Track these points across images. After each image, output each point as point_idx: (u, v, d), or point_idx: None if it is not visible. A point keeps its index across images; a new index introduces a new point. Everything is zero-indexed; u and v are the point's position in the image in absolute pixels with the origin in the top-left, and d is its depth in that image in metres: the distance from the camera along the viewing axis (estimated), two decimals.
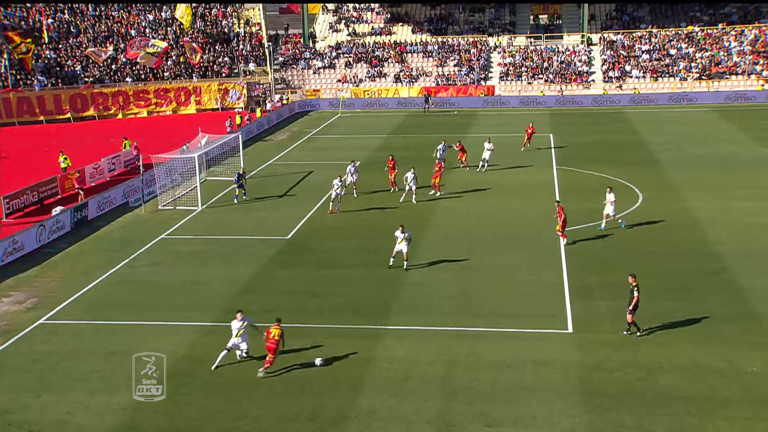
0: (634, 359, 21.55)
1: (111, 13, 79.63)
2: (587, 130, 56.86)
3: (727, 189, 38.91)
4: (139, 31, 77.25)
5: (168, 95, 70.23)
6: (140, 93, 69.74)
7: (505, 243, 31.98)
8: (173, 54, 74.45)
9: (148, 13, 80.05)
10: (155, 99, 69.96)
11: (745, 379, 20.35)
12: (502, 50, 77.43)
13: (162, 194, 39.88)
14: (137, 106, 69.51)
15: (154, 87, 70.23)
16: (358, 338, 23.50)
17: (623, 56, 74.47)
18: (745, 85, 69.68)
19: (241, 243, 33.40)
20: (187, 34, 76.13)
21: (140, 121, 67.48)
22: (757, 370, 20.74)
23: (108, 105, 68.57)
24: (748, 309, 24.57)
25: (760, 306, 24.70)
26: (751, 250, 29.95)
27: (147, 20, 79.06)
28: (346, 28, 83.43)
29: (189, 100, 70.51)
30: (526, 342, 22.94)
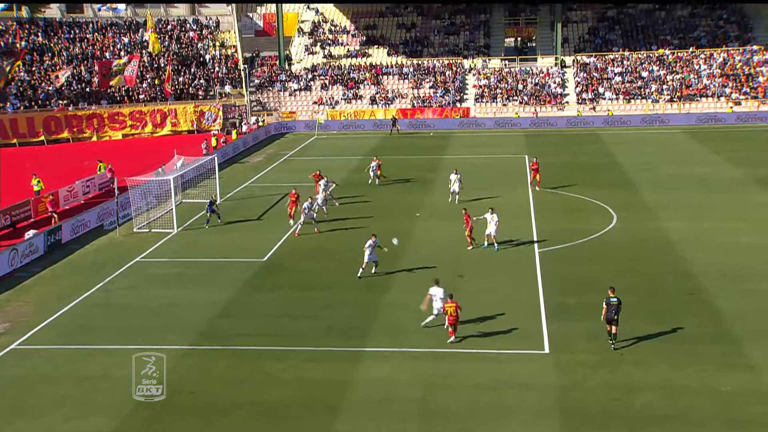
0: (611, 379, 21.62)
1: (86, 35, 79.34)
2: (562, 151, 57.32)
3: (701, 209, 39.29)
4: (114, 53, 77.01)
5: (143, 117, 70.00)
6: (115, 115, 69.44)
7: (482, 264, 32.03)
8: (148, 77, 74.27)
9: (123, 36, 79.86)
10: (130, 121, 69.71)
11: (720, 398, 20.46)
12: (477, 72, 78.02)
13: (137, 217, 39.60)
14: (112, 129, 69.18)
15: (129, 109, 69.96)
16: (336, 361, 23.38)
17: (596, 78, 75.32)
18: (715, 108, 70.68)
19: (217, 265, 33.19)
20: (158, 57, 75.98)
21: (115, 143, 67.15)
22: (731, 389, 20.87)
23: (82, 128, 68.17)
24: (724, 329, 24.75)
25: (734, 326, 24.89)
26: (726, 270, 30.22)
27: (122, 42, 78.86)
28: (322, 50, 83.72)
29: (164, 122, 70.30)
30: (504, 363, 22.94)
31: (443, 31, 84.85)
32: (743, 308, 26.35)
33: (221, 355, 24.05)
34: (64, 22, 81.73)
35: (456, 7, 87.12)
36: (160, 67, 75.78)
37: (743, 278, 29.22)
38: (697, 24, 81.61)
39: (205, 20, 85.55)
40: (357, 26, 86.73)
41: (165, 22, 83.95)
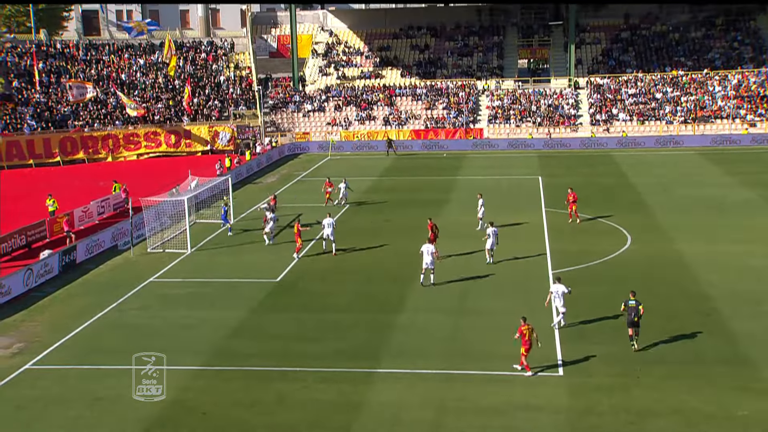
0: (625, 403, 21.44)
1: (102, 57, 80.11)
2: (575, 172, 57.22)
3: (715, 231, 39.08)
4: (130, 74, 77.68)
5: (158, 138, 70.44)
6: (130, 136, 69.91)
7: (495, 286, 31.93)
8: (163, 98, 74.83)
9: (138, 57, 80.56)
10: (145, 142, 70.15)
11: (736, 423, 20.26)
12: (490, 93, 78.17)
13: (151, 237, 39.75)
14: (127, 150, 69.64)
15: (144, 130, 70.43)
16: (347, 382, 23.32)
17: (610, 100, 75.29)
18: (730, 129, 70.45)
19: (230, 286, 33.25)
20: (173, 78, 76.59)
21: (130, 164, 67.59)
22: (747, 414, 20.65)
23: (98, 148, 68.65)
24: (739, 352, 24.54)
25: (749, 349, 24.68)
26: (740, 292, 30.00)
27: (138, 64, 79.55)
28: (336, 71, 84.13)
29: (179, 142, 70.71)
30: (516, 386, 22.81)
31: (456, 53, 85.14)
32: (759, 331, 26.12)
33: (234, 375, 24.03)
34: (81, 45, 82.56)
35: (469, 29, 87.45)
36: (175, 87, 76.31)
37: (759, 301, 29.00)
38: (711, 46, 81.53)
39: (220, 42, 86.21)
40: (371, 48, 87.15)
41: (180, 44, 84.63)
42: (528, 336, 23.17)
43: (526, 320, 23.57)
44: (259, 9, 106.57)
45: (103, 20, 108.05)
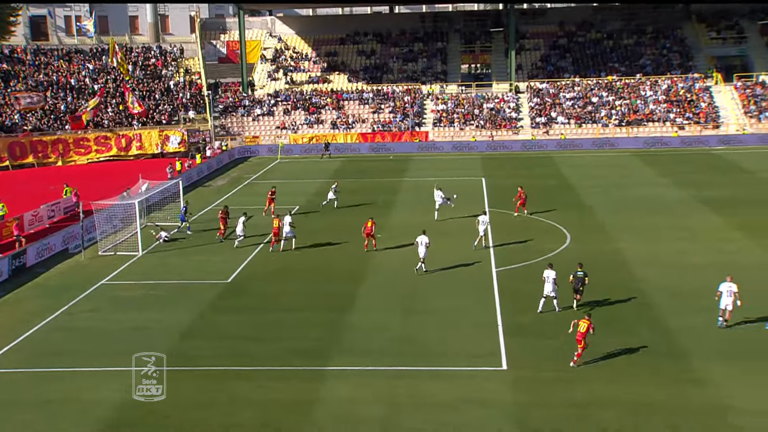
0: (568, 396, 21.61)
1: (51, 62, 78.29)
2: (517, 173, 57.65)
3: (651, 230, 39.68)
4: (79, 80, 76.03)
5: (108, 142, 69.03)
6: (80, 140, 68.34)
7: (442, 285, 31.95)
8: (112, 102, 73.40)
9: (87, 62, 78.93)
10: (95, 146, 68.66)
11: (672, 413, 20.55)
12: (434, 98, 78.43)
13: (102, 240, 38.91)
14: (77, 154, 68.07)
15: (94, 135, 68.93)
16: (301, 380, 23.09)
17: (549, 104, 76.15)
18: (661, 132, 71.80)
19: (182, 287, 32.69)
20: (129, 83, 75.20)
21: (80, 168, 66.08)
22: (684, 404, 20.98)
23: (47, 153, 66.96)
24: (676, 346, 24.93)
25: (687, 342, 25.09)
26: (678, 288, 30.50)
27: (87, 69, 77.94)
28: (284, 76, 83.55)
29: (130, 146, 69.40)
30: (463, 381, 22.83)
31: (402, 58, 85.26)
32: (693, 324, 26.58)
33: (187, 376, 23.58)
34: (28, 50, 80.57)
35: (414, 35, 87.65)
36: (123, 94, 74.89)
37: (694, 295, 29.50)
38: (642, 52, 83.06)
39: (170, 47, 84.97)
40: (318, 53, 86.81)
41: (129, 49, 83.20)
42: (584, 329, 23.05)
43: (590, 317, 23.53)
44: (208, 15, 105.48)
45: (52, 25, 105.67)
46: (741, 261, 33.15)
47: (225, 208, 41.08)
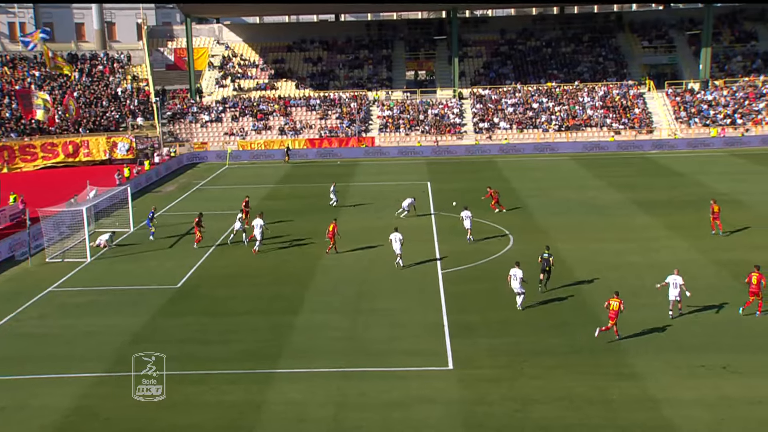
0: (512, 392, 21.94)
1: None
2: (461, 177, 58.22)
3: (589, 231, 40.42)
4: (24, 86, 74.40)
5: (55, 149, 67.66)
6: (26, 147, 66.87)
7: (389, 287, 32.12)
8: (59, 109, 71.98)
9: (33, 69, 77.25)
10: (42, 153, 67.23)
11: (609, 407, 21.03)
12: (380, 104, 78.72)
13: (50, 247, 38.17)
14: (23, 161, 66.56)
15: (40, 141, 67.52)
16: (251, 383, 23.01)
17: (492, 109, 77.04)
18: (598, 136, 73.21)
19: (131, 293, 32.27)
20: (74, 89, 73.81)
21: (27, 175, 64.60)
22: (619, 398, 21.49)
23: None
24: (614, 342, 25.44)
25: (623, 339, 25.63)
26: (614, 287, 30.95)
27: (33, 76, 76.28)
28: (232, 83, 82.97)
29: (77, 153, 68.11)
30: (410, 380, 23.01)
31: (348, 65, 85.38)
32: (629, 321, 27.13)
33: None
34: None
35: (360, 43, 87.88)
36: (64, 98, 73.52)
37: (628, 293, 30.07)
38: (579, 60, 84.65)
39: (117, 54, 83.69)
40: (265, 60, 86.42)
41: (75, 56, 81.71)
42: (617, 309, 25.05)
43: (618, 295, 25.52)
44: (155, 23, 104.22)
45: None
46: (672, 258, 33.94)
47: (200, 214, 40.17)
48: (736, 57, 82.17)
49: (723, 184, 51.74)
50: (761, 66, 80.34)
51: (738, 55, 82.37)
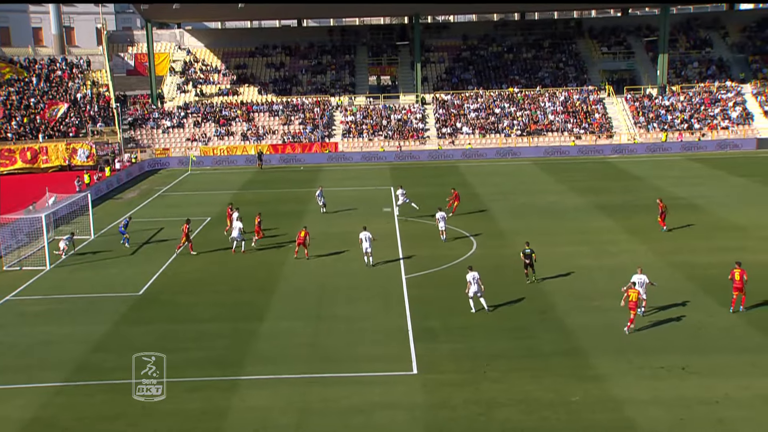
0: (474, 396, 22.04)
1: None
2: (425, 182, 58.41)
3: (550, 235, 40.79)
4: None
5: (13, 155, 66.51)
6: None
7: (353, 293, 32.08)
8: (17, 115, 70.81)
9: None
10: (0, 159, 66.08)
11: (571, 408, 21.23)
12: (343, 109, 78.73)
13: (7, 255, 37.49)
14: None
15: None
16: (213, 390, 22.81)
17: (454, 114, 77.47)
18: (560, 141, 74.03)
19: (91, 301, 31.83)
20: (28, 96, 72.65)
21: None
22: (578, 399, 21.71)
23: None
24: (573, 344, 25.72)
25: (582, 341, 25.92)
26: (574, 289, 31.50)
27: None
28: (194, 89, 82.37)
29: (36, 159, 67.03)
30: (374, 385, 23.00)
31: (311, 71, 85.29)
32: (590, 324, 27.49)
33: (96, 389, 23.00)
34: None
35: (322, 48, 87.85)
36: (30, 105, 72.47)
37: (589, 297, 30.53)
38: (540, 66, 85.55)
39: (76, 59, 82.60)
40: (227, 66, 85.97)
41: (33, 61, 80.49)
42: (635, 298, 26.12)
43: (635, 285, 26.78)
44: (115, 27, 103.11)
45: None
46: (630, 261, 34.37)
47: (188, 221, 39.58)
48: (692, 63, 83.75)
49: (680, 188, 52.64)
50: (716, 72, 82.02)
51: (694, 61, 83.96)
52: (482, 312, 28.64)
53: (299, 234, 36.87)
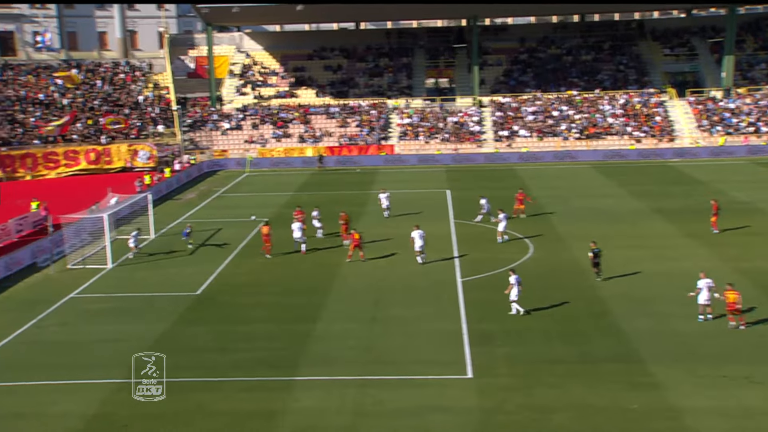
0: (529, 401, 21.86)
1: (19, 77, 77.43)
2: (481, 185, 57.95)
3: (608, 239, 40.06)
4: (48, 95, 75.31)
5: (77, 156, 68.37)
6: (49, 155, 67.64)
7: (408, 295, 32.12)
8: (82, 117, 72.77)
9: (56, 78, 78.15)
10: (64, 160, 67.99)
11: (628, 416, 20.89)
12: (400, 112, 78.84)
13: (71, 254, 38.54)
14: (46, 168, 67.31)
15: (63, 149, 68.24)
16: (266, 391, 23.09)
17: (511, 117, 76.91)
18: (619, 145, 72.84)
19: (151, 300, 32.50)
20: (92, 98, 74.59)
21: (50, 182, 65.34)
22: (637, 407, 21.33)
23: (16, 167, 66.12)
24: (630, 350, 25.31)
25: (640, 347, 25.48)
26: (631, 294, 30.99)
27: (56, 84, 77.16)
28: (252, 91, 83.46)
29: (98, 161, 68.78)
30: (428, 388, 22.98)
31: (368, 73, 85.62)
32: (648, 330, 27.02)
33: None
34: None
35: (379, 51, 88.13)
36: (94, 108, 74.41)
37: (647, 302, 30.00)
38: (600, 68, 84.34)
39: (138, 63, 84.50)
40: (286, 68, 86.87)
41: (98, 65, 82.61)
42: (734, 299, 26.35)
43: (733, 286, 26.90)
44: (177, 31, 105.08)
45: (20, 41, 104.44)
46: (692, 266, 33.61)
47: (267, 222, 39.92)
48: (760, 65, 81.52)
49: (743, 192, 51.32)
50: None
51: (762, 62, 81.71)
52: (538, 316, 28.40)
53: (353, 236, 37.04)
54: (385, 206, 47.36)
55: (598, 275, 32.74)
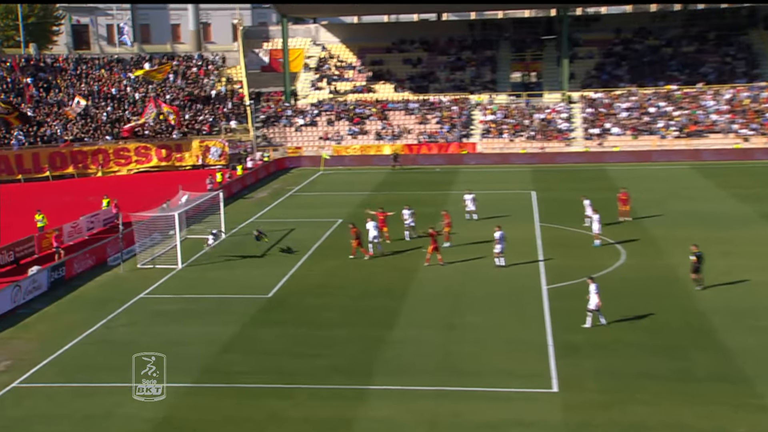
0: (620, 418, 21.44)
1: (92, 71, 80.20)
2: (569, 186, 57.26)
3: (708, 246, 38.91)
4: (120, 89, 77.75)
5: (149, 153, 70.40)
6: (120, 151, 69.85)
7: (489, 301, 31.94)
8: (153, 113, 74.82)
9: (128, 72, 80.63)
10: (136, 157, 70.10)
11: None
12: (483, 108, 78.44)
13: (141, 253, 39.66)
14: (117, 164, 69.57)
15: (134, 145, 70.38)
16: (340, 399, 23.26)
17: (603, 114, 75.58)
18: (723, 143, 70.73)
19: (221, 301, 33.18)
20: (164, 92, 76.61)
21: (120, 179, 67.49)
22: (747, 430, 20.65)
23: (87, 163, 68.57)
24: (734, 368, 24.54)
25: (745, 365, 24.68)
26: (734, 306, 30.07)
27: (128, 78, 79.62)
28: (328, 86, 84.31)
29: (170, 157, 70.65)
30: (510, 402, 22.79)
31: (449, 67, 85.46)
32: (753, 346, 26.16)
33: (225, 392, 23.94)
34: (70, 59, 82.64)
35: (462, 43, 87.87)
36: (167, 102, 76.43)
37: (752, 315, 29.06)
38: (704, 60, 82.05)
39: (211, 56, 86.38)
40: (363, 62, 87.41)
41: (171, 58, 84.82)
42: None
43: None
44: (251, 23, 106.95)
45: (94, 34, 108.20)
46: None
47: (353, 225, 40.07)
48: None
49: None
50: None
51: None
52: (629, 327, 27.85)
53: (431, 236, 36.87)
54: (470, 209, 46.79)
55: (698, 284, 31.83)
